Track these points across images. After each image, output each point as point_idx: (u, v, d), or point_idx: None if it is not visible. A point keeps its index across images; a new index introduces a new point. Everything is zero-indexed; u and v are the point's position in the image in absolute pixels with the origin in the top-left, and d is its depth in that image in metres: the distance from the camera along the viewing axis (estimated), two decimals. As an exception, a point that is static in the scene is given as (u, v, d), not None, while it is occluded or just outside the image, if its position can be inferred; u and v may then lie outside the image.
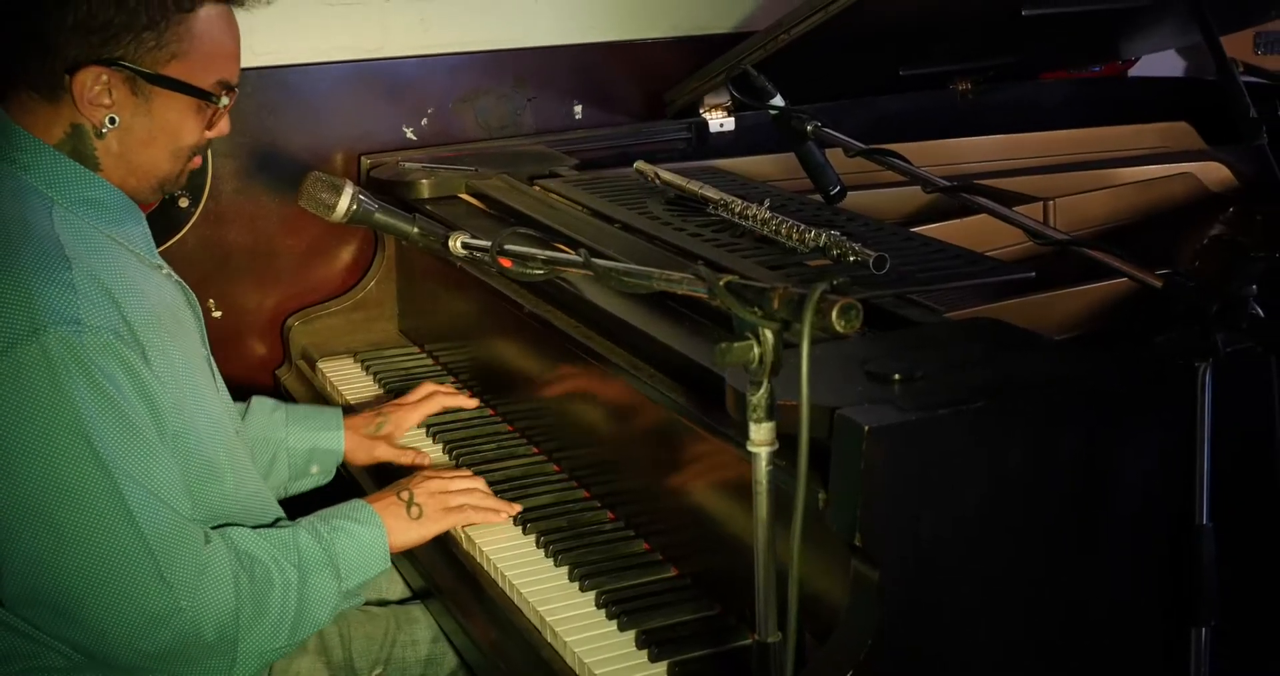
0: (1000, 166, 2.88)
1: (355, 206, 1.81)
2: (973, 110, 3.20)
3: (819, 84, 2.92)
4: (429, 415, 2.33)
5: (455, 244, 1.74)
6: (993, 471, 1.45)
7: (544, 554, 1.92)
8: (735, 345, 1.23)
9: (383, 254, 2.86)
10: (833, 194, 2.33)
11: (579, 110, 3.14)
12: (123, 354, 1.67)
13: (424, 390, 2.37)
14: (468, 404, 2.35)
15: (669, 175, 2.44)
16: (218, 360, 2.00)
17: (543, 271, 1.63)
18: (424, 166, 2.77)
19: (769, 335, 1.23)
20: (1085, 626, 1.53)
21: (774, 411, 1.25)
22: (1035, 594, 1.50)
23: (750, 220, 2.16)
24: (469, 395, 2.39)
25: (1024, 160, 2.93)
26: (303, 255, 2.91)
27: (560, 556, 1.89)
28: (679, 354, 1.80)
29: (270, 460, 2.19)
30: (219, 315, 2.84)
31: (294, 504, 2.01)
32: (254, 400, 2.25)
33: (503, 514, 1.99)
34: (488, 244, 1.68)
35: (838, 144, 2.23)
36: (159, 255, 1.93)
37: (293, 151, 2.85)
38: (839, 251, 1.98)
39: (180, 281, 1.95)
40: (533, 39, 3.06)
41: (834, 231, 2.02)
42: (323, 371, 2.74)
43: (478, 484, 2.03)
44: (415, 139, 2.98)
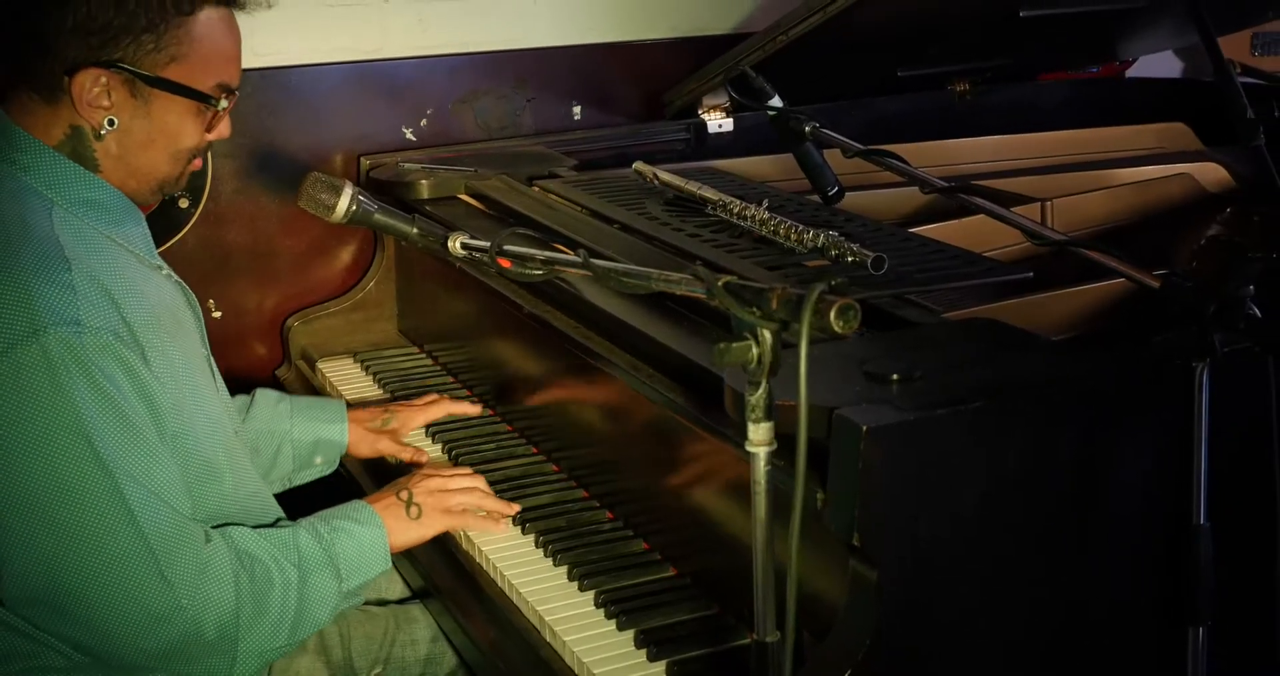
0: (998, 167, 2.87)
1: (355, 207, 1.81)
2: (970, 111, 3.20)
3: (817, 85, 2.93)
4: (434, 419, 2.34)
5: (454, 244, 1.74)
6: (990, 471, 1.45)
7: (543, 553, 1.92)
8: (734, 345, 1.24)
9: (382, 254, 2.86)
10: (831, 194, 2.33)
11: (578, 111, 3.14)
12: (122, 354, 1.67)
13: (432, 397, 2.38)
14: (472, 411, 2.36)
15: (668, 176, 2.44)
16: (218, 360, 2.00)
17: (542, 272, 1.64)
18: (423, 167, 2.77)
19: (767, 335, 1.23)
20: (1083, 625, 1.53)
21: (772, 411, 1.25)
22: (1033, 593, 1.50)
23: (749, 221, 2.16)
24: (474, 402, 2.39)
25: (1022, 161, 2.93)
26: (302, 255, 2.91)
27: (559, 556, 1.90)
28: (678, 354, 1.80)
29: (275, 451, 2.21)
30: (219, 315, 2.84)
31: (296, 503, 2.01)
32: (258, 393, 2.25)
33: (502, 523, 1.99)
34: (487, 244, 1.68)
35: (836, 144, 2.22)
36: (158, 255, 1.93)
37: (292, 152, 2.85)
38: (837, 252, 1.98)
39: (180, 281, 1.95)
40: (532, 40, 3.06)
41: (832, 232, 2.02)
42: (322, 371, 2.74)
43: (477, 482, 2.03)
44: (414, 140, 2.98)
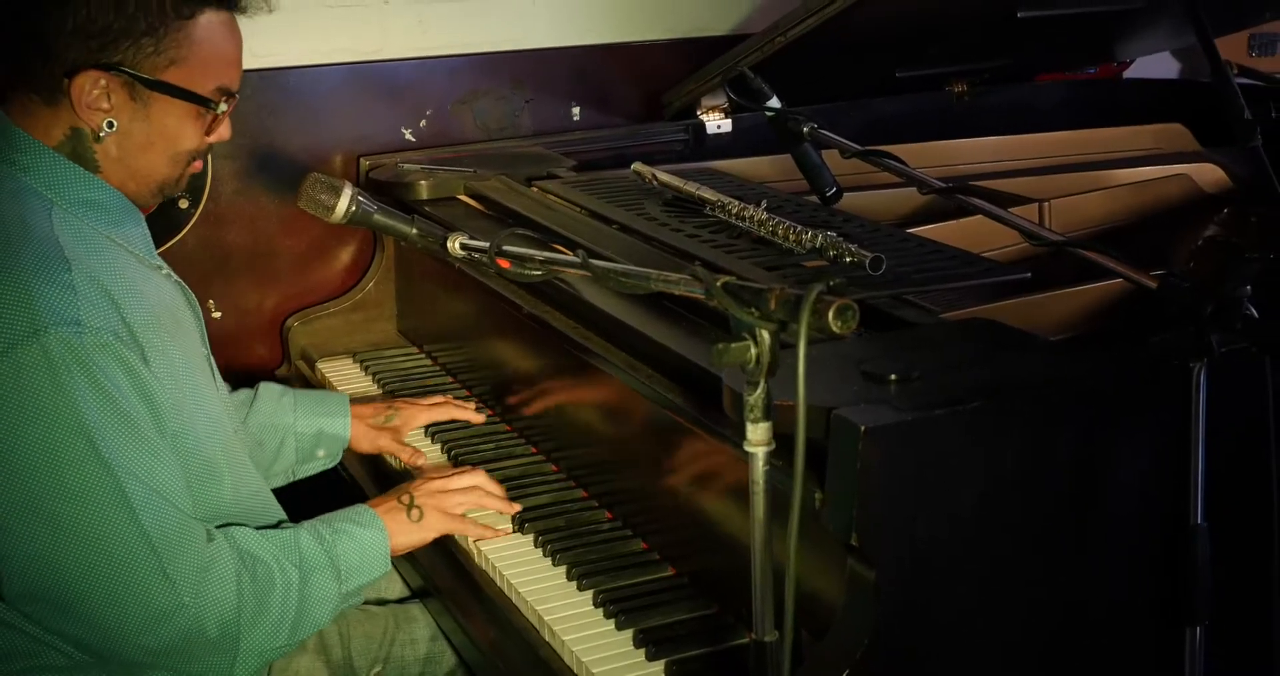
0: (996, 168, 2.87)
1: (354, 207, 1.81)
2: (968, 112, 3.20)
3: (815, 86, 2.93)
4: (437, 420, 2.34)
5: (454, 245, 1.75)
6: (988, 471, 1.45)
7: (542, 553, 1.92)
8: (732, 346, 1.24)
9: (382, 255, 2.87)
10: (829, 195, 2.33)
11: (577, 112, 3.14)
12: (122, 354, 1.67)
13: (438, 399, 2.38)
14: (476, 418, 2.36)
15: (666, 176, 2.44)
16: (218, 360, 2.01)
17: (541, 272, 1.64)
18: (422, 168, 2.77)
19: (766, 336, 1.23)
20: (1081, 625, 1.53)
21: (771, 411, 1.25)
22: (1031, 593, 1.50)
23: (747, 221, 2.17)
24: (477, 407, 2.39)
25: (1019, 162, 2.93)
26: (302, 256, 2.91)
27: (558, 555, 1.90)
28: (676, 354, 1.80)
29: (278, 445, 2.22)
30: (219, 316, 2.84)
31: (298, 506, 2.01)
32: (261, 386, 2.26)
33: (501, 531, 1.99)
34: (486, 245, 1.68)
35: (834, 145, 2.23)
36: (158, 255, 1.93)
37: (292, 153, 2.85)
38: (835, 252, 1.98)
39: (179, 281, 1.95)
40: (531, 41, 3.06)
41: (830, 232, 2.02)
42: (322, 372, 2.74)
43: (478, 480, 2.03)
44: (414, 140, 2.98)
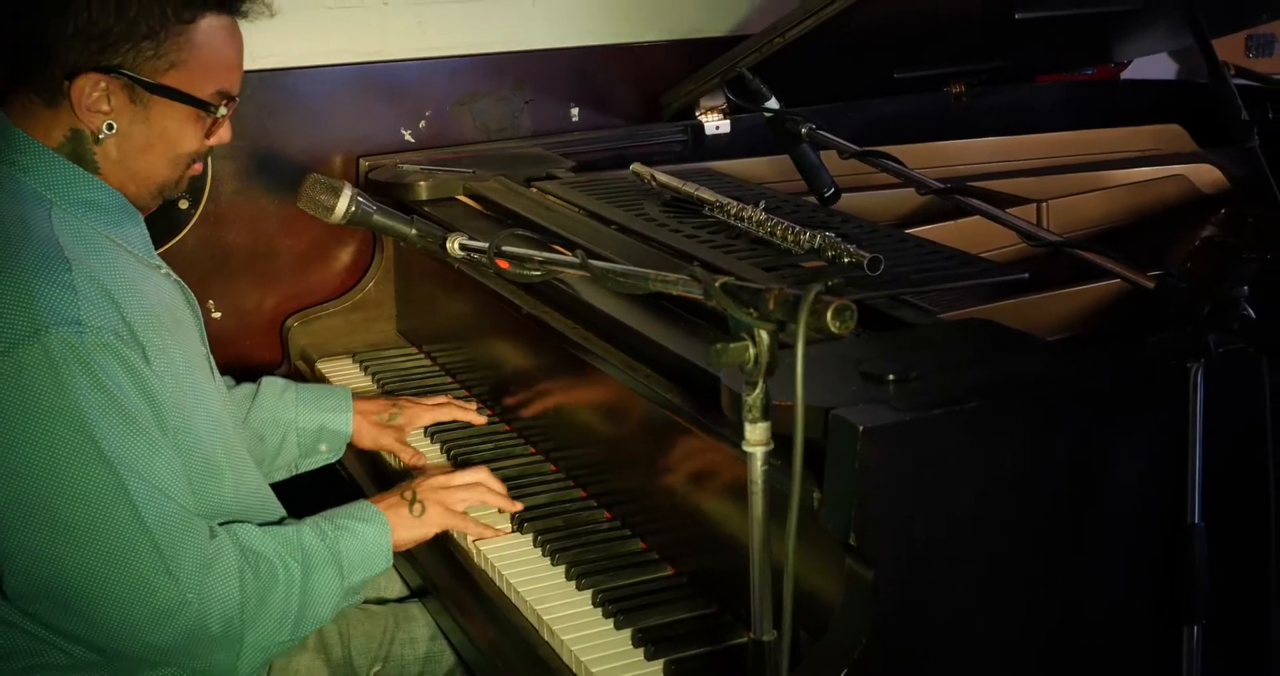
0: (994, 168, 2.88)
1: (354, 208, 1.82)
2: (966, 113, 3.21)
3: (814, 87, 2.93)
4: (439, 420, 2.35)
5: (453, 245, 1.75)
6: (986, 471, 1.45)
7: (541, 553, 1.93)
8: (731, 346, 1.24)
9: (381, 255, 2.87)
10: (827, 196, 2.33)
11: (576, 113, 3.14)
12: (123, 353, 1.68)
13: (441, 399, 2.39)
14: (477, 420, 2.36)
15: (665, 177, 2.44)
16: (218, 361, 2.01)
17: (540, 272, 1.64)
18: (422, 168, 2.77)
19: (764, 336, 1.24)
20: (1079, 625, 1.53)
21: (769, 411, 1.25)
22: (1029, 592, 1.50)
23: (746, 222, 2.17)
24: (478, 408, 2.39)
25: (1017, 162, 2.94)
26: (302, 256, 2.92)
27: (557, 555, 1.90)
28: (675, 354, 1.80)
29: (281, 440, 2.22)
30: (219, 316, 2.84)
31: (298, 504, 2.02)
32: (264, 381, 2.27)
33: (500, 531, 1.99)
34: (485, 245, 1.68)
35: (832, 146, 2.23)
36: (157, 255, 1.94)
37: (292, 154, 2.85)
38: (834, 253, 1.98)
39: (179, 281, 1.96)
40: (530, 42, 3.06)
41: (829, 233, 2.02)
42: (321, 372, 2.74)
43: (481, 477, 2.04)
44: (413, 141, 2.98)
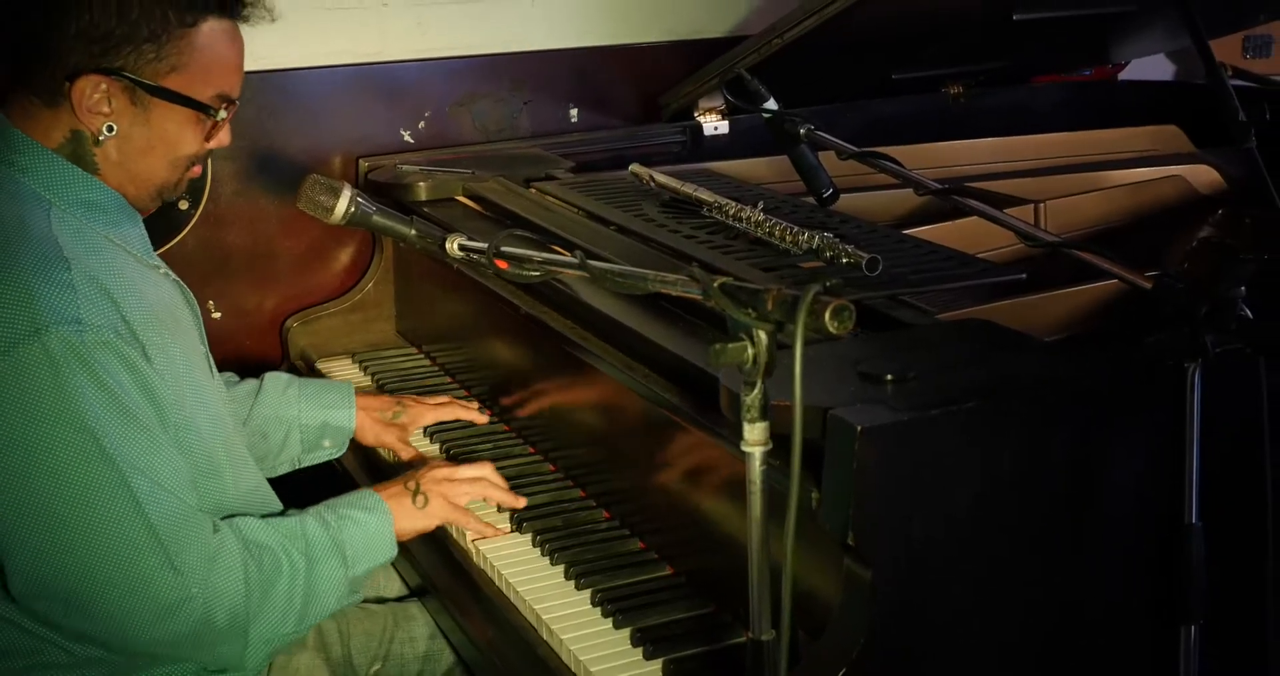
0: (992, 169, 2.88)
1: (353, 209, 1.82)
2: (964, 113, 3.21)
3: (812, 87, 2.94)
4: (442, 419, 2.35)
5: (452, 246, 1.75)
6: (984, 471, 1.46)
7: (540, 552, 1.93)
8: (729, 346, 1.24)
9: (381, 256, 2.87)
10: (826, 196, 2.34)
11: (575, 113, 3.14)
12: (123, 351, 1.68)
13: (444, 399, 2.39)
14: (479, 419, 2.36)
15: (664, 178, 2.44)
16: (217, 361, 2.01)
17: (539, 273, 1.65)
18: (421, 169, 2.77)
19: (763, 336, 1.24)
20: (1076, 624, 1.53)
21: (768, 411, 1.25)
22: (1026, 592, 1.51)
23: (744, 222, 2.17)
24: (482, 411, 2.39)
25: (1016, 163, 2.94)
26: (301, 257, 2.92)
27: (556, 555, 1.91)
28: (673, 355, 1.81)
29: (284, 436, 2.23)
30: (218, 316, 2.84)
31: (299, 499, 2.02)
32: (267, 377, 2.27)
33: (500, 530, 2.00)
34: (484, 246, 1.69)
35: (830, 147, 2.23)
36: (156, 256, 1.94)
37: (291, 154, 2.85)
38: (832, 253, 1.98)
39: (178, 281, 1.96)
40: (529, 43, 3.06)
41: (827, 233, 2.03)
42: (321, 372, 2.74)
43: (485, 472, 2.04)
44: (413, 142, 2.98)
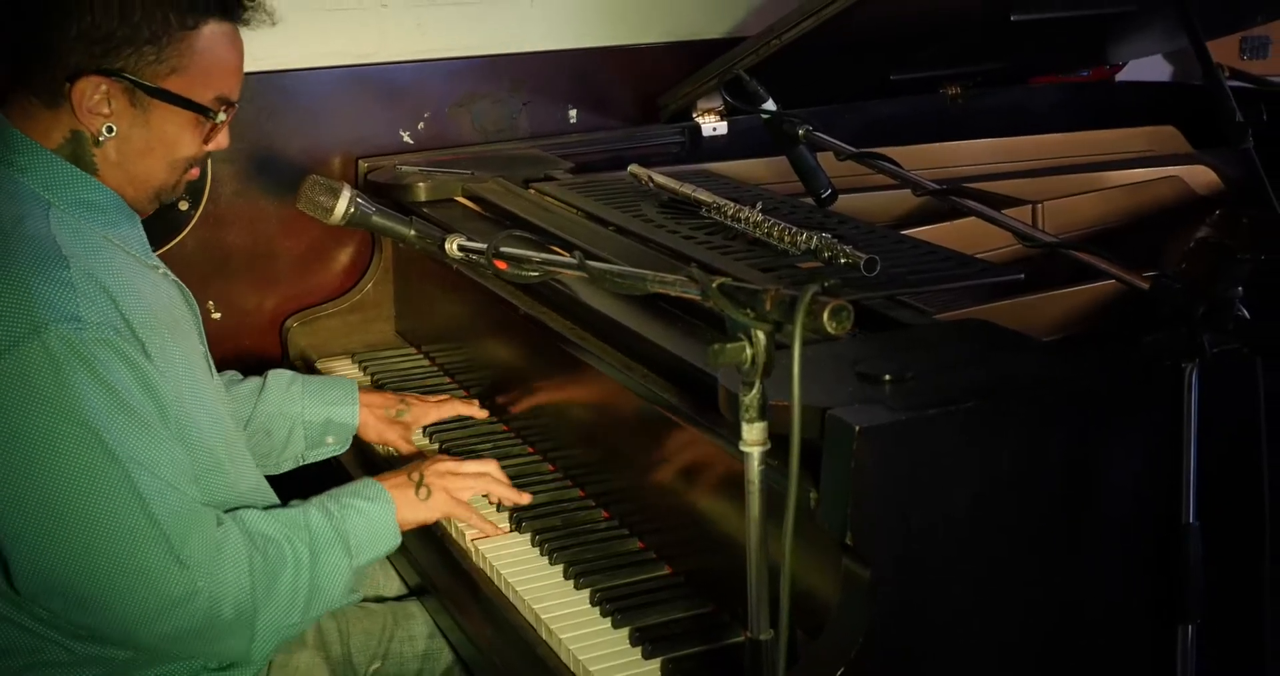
0: (990, 170, 2.88)
1: (353, 209, 1.82)
2: (963, 114, 3.21)
3: (811, 88, 2.94)
4: (444, 417, 2.36)
5: (451, 246, 1.76)
6: (982, 471, 1.46)
7: (539, 552, 1.93)
8: (728, 346, 1.25)
9: (380, 256, 2.87)
10: (824, 197, 2.34)
11: (574, 114, 3.15)
12: (122, 348, 1.68)
13: (445, 397, 2.40)
14: (480, 414, 2.37)
15: (663, 178, 2.45)
16: (217, 361, 2.01)
17: (538, 273, 1.65)
18: (421, 170, 2.77)
19: (761, 336, 1.24)
20: (1074, 624, 1.54)
21: (766, 411, 1.26)
22: (1025, 592, 1.51)
23: (743, 223, 2.18)
24: (480, 407, 2.41)
25: (1013, 164, 2.94)
26: (301, 257, 2.92)
27: (555, 554, 1.91)
28: (672, 355, 1.81)
29: (287, 433, 2.23)
30: (218, 317, 2.85)
31: (292, 494, 2.02)
32: (270, 375, 2.27)
33: (501, 528, 2.00)
34: (483, 246, 1.69)
35: (829, 148, 2.24)
36: (155, 256, 1.94)
37: (291, 155, 2.85)
38: (830, 254, 1.99)
39: (177, 281, 1.96)
40: (528, 44, 3.07)
41: (825, 234, 2.03)
42: (321, 372, 2.74)
43: (489, 468, 2.05)
44: (412, 143, 2.98)
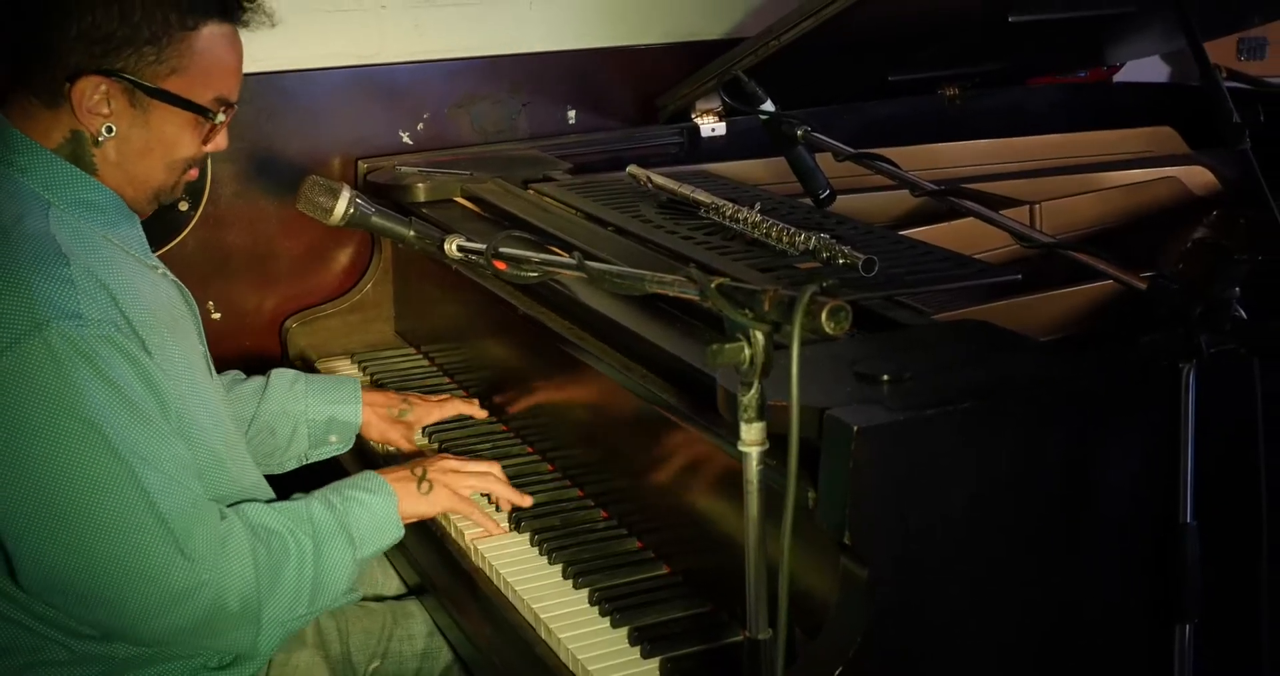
0: (988, 170, 2.88)
1: (352, 210, 1.83)
2: (961, 115, 3.21)
3: (809, 89, 2.94)
4: (447, 417, 2.36)
5: (451, 247, 1.76)
6: (980, 471, 1.46)
7: (538, 552, 1.94)
8: (726, 346, 1.25)
9: (379, 256, 2.87)
10: (822, 197, 2.34)
11: (573, 115, 3.15)
12: (123, 345, 1.69)
13: (446, 397, 2.41)
14: (480, 414, 2.38)
15: (661, 179, 2.45)
16: (217, 362, 2.02)
17: (537, 274, 1.65)
18: (420, 170, 2.77)
19: (760, 336, 1.24)
20: (1072, 623, 1.54)
21: (764, 411, 1.26)
22: (1022, 592, 1.51)
23: (741, 223, 2.18)
24: (477, 406, 2.41)
25: (1011, 164, 2.95)
26: (301, 258, 2.92)
27: (554, 554, 1.91)
28: (671, 355, 1.81)
29: (291, 432, 2.23)
30: (218, 317, 2.85)
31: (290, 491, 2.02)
32: (273, 374, 2.28)
33: (501, 526, 2.01)
34: (483, 247, 1.69)
35: (827, 148, 2.24)
36: (154, 257, 1.94)
37: (290, 156, 2.86)
38: (829, 254, 1.99)
39: (177, 281, 1.97)
40: (527, 45, 3.07)
41: (824, 234, 2.03)
42: (320, 373, 2.74)
43: (492, 469, 2.05)
44: (411, 143, 2.98)
